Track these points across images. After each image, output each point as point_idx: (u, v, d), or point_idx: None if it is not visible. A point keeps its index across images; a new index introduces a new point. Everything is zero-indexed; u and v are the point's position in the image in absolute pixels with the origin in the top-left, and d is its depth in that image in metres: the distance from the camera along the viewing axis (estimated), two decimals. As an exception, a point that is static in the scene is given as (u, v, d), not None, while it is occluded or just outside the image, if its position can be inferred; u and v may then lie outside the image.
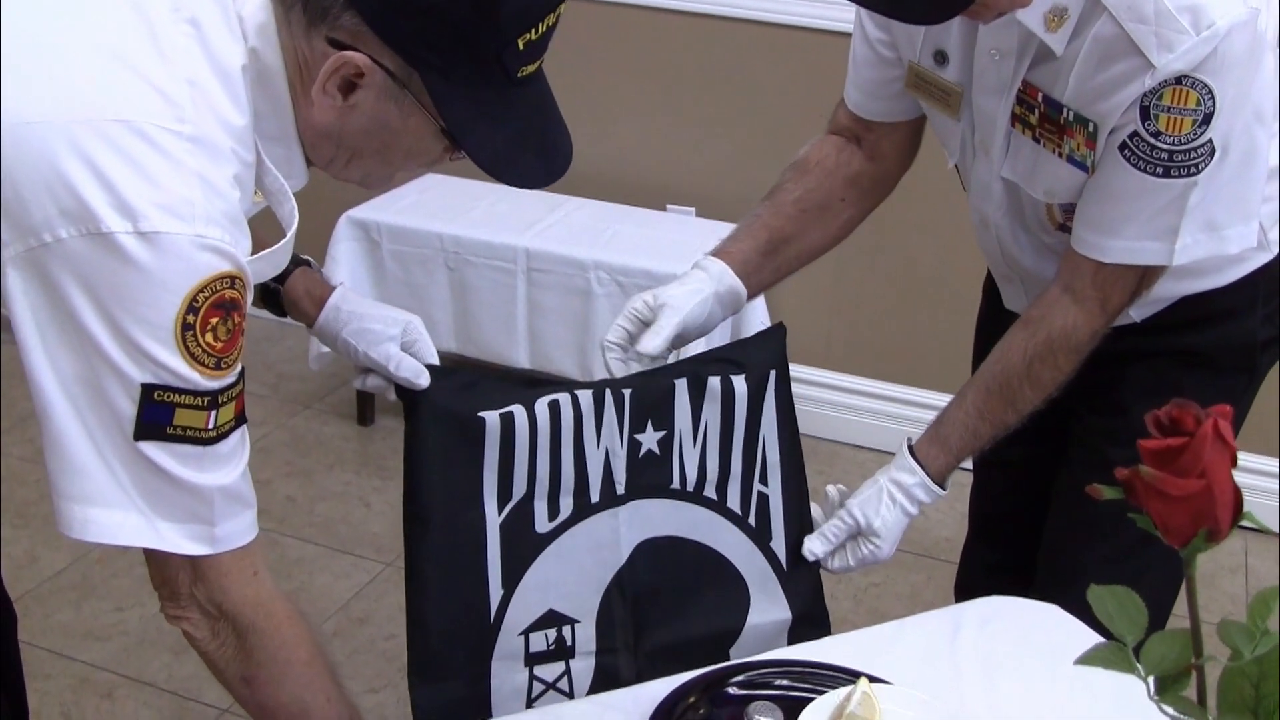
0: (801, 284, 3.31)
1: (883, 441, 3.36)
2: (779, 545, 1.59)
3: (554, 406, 1.46)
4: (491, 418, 1.44)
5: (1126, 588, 0.80)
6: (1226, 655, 0.79)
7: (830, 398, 3.37)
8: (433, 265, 3.09)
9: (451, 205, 3.22)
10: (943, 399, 3.27)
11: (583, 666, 1.51)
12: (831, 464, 3.30)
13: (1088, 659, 0.80)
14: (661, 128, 3.32)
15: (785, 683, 1.32)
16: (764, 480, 1.59)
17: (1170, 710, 0.79)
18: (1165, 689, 0.79)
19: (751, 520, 1.58)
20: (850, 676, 1.30)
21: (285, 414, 3.35)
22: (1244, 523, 2.45)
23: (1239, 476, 2.49)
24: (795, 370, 3.39)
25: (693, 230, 3.18)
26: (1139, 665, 0.79)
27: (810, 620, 1.60)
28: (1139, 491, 0.75)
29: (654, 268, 2.93)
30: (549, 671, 1.50)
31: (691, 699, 1.28)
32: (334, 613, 2.61)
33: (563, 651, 1.50)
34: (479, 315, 3.07)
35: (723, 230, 3.11)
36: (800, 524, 1.61)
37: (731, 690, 1.31)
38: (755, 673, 1.33)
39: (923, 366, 3.30)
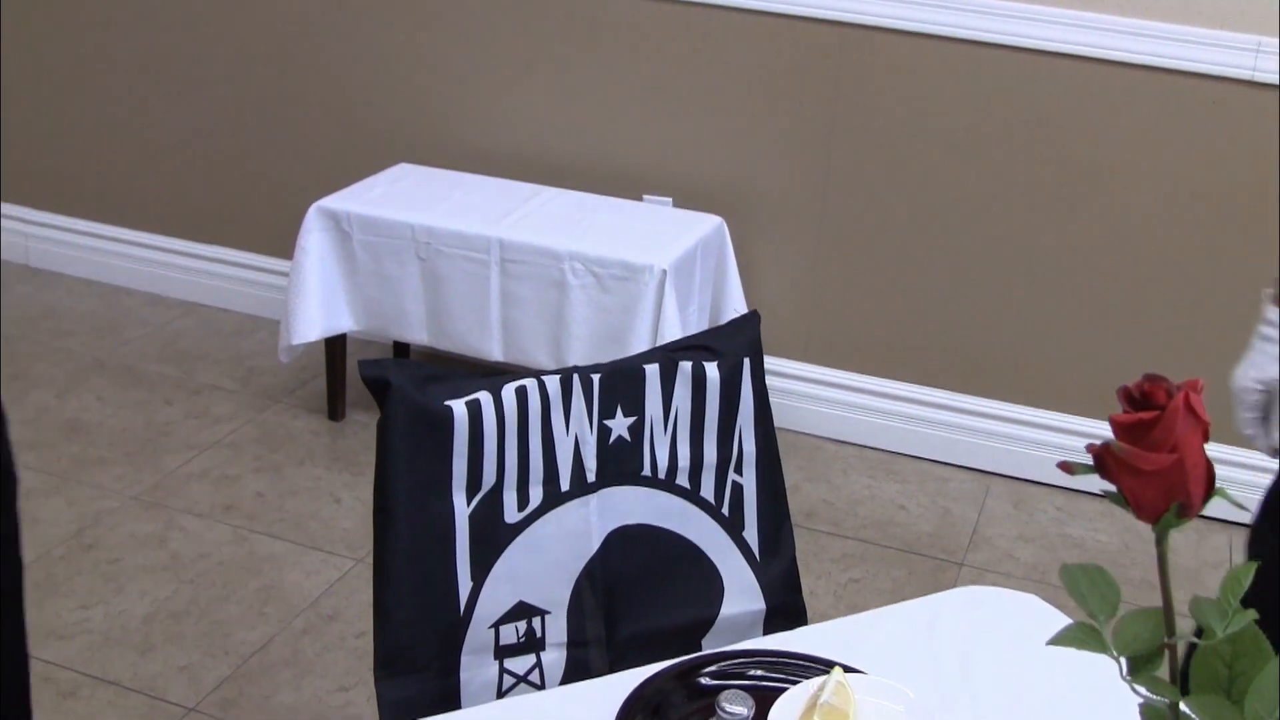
0: (780, 277, 3.33)
1: (865, 436, 3.37)
2: (752, 535, 1.59)
3: (521, 393, 1.46)
4: (459, 407, 1.43)
5: (1099, 565, 0.79)
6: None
7: (811, 391, 3.37)
8: (404, 256, 3.08)
9: (424, 195, 3.21)
10: (925, 392, 3.30)
11: (554, 659, 1.51)
12: (812, 459, 3.30)
13: (1060, 639, 0.80)
14: (638, 117, 3.32)
15: (759, 673, 1.32)
16: (739, 470, 1.59)
17: (1142, 690, 0.79)
18: (1138, 669, 0.79)
19: (725, 510, 1.58)
20: (825, 666, 1.29)
21: (255, 408, 3.34)
22: (1229, 517, 2.45)
23: (1233, 472, 2.48)
24: (775, 364, 3.41)
25: (669, 220, 3.18)
26: (1111, 645, 0.79)
27: (785, 612, 1.61)
28: (1110, 467, 0.75)
29: (630, 258, 2.93)
30: (520, 664, 1.49)
31: (663, 688, 1.27)
32: (304, 609, 2.60)
33: (533, 644, 1.50)
34: (451, 307, 3.06)
35: (699, 221, 3.16)
36: (775, 514, 1.61)
37: (704, 680, 1.30)
38: (728, 663, 1.33)
39: (904, 360, 3.30)
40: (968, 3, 2.95)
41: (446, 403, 1.43)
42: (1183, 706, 0.79)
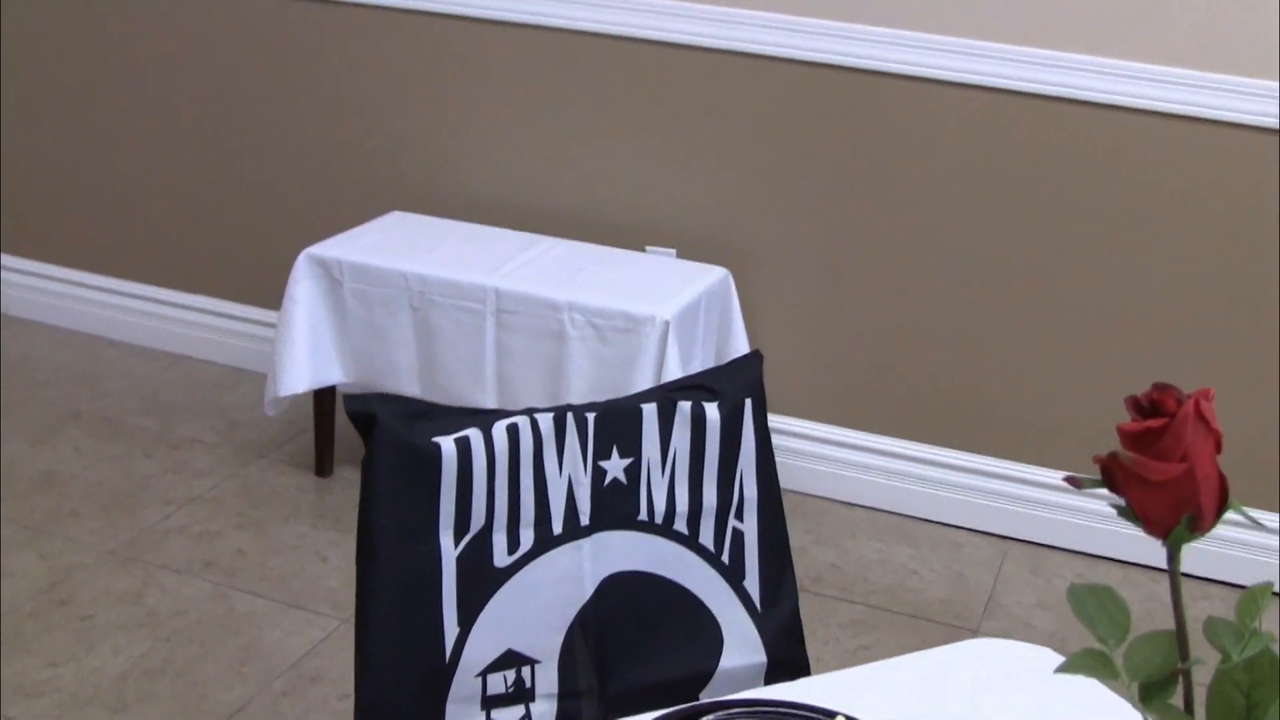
0: (788, 332, 3.34)
1: (874, 498, 3.36)
2: (753, 585, 1.59)
3: (513, 430, 1.46)
4: (447, 444, 1.43)
5: (1108, 586, 0.79)
6: (1214, 658, 0.78)
7: (819, 451, 3.37)
8: (396, 305, 3.09)
9: (417, 243, 3.22)
10: (939, 453, 3.29)
11: (543, 710, 1.50)
12: (820, 521, 3.29)
13: (1069, 666, 0.80)
14: (640, 166, 3.34)
15: (758, 723, 1.31)
16: (740, 516, 1.59)
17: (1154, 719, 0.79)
18: (1150, 697, 0.79)
19: (725, 558, 1.57)
20: (827, 716, 1.29)
21: (238, 463, 3.34)
22: (1245, 583, 2.39)
23: (1239, 534, 2.49)
24: (782, 422, 3.41)
25: (673, 271, 3.19)
26: (1122, 671, 0.79)
27: (788, 666, 1.60)
28: (1118, 479, 0.75)
29: (631, 309, 2.94)
30: (507, 715, 1.48)
31: (656, 738, 1.27)
32: (285, 670, 2.58)
33: (522, 694, 1.49)
34: (445, 358, 3.07)
35: (704, 272, 3.17)
36: (777, 563, 1.60)
37: (700, 730, 1.29)
38: (727, 711, 1.32)
39: (916, 419, 3.30)
40: (980, 48, 2.98)
41: (435, 439, 1.43)
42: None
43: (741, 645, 1.57)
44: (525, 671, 1.49)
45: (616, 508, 1.52)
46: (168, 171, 3.82)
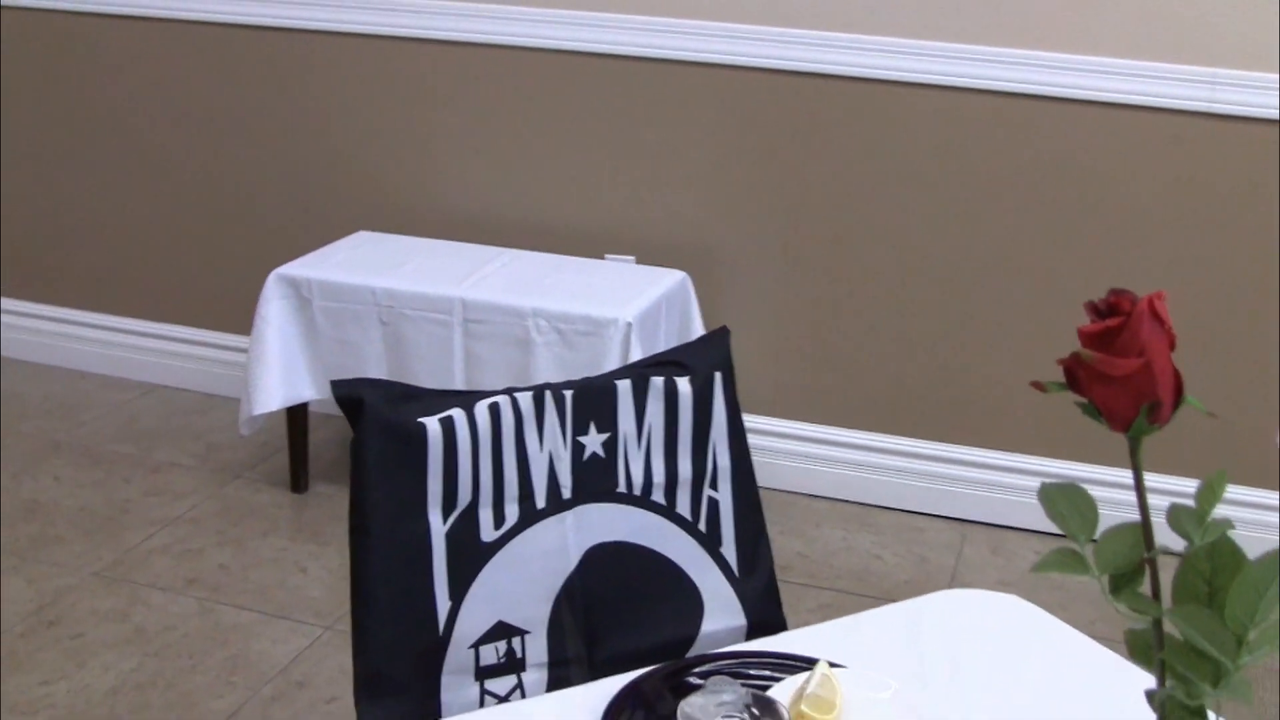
0: (747, 332, 3.37)
1: (838, 489, 3.39)
2: (730, 551, 1.62)
3: (494, 409, 1.49)
4: (432, 424, 1.46)
5: (1076, 484, 0.82)
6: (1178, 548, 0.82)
7: (781, 446, 3.40)
8: (366, 321, 3.11)
9: (385, 260, 3.24)
10: (898, 442, 3.32)
11: (535, 679, 1.52)
12: (785, 514, 3.32)
13: (1043, 565, 0.83)
14: (597, 176, 3.37)
15: (746, 672, 1.34)
16: (714, 485, 1.62)
17: (1124, 609, 0.82)
18: (1120, 587, 0.82)
19: (702, 526, 1.60)
20: (810, 664, 1.31)
21: (215, 484, 3.34)
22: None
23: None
24: (744, 420, 3.41)
25: (633, 276, 3.22)
26: (1093, 565, 0.82)
27: (767, 627, 1.63)
28: (1081, 380, 0.78)
29: (595, 313, 2.96)
30: (501, 685, 1.50)
31: (652, 688, 1.29)
32: (273, 676, 2.59)
33: (514, 664, 1.51)
34: (415, 369, 3.08)
35: (663, 275, 3.20)
36: (753, 529, 1.63)
37: (692, 680, 1.32)
38: (716, 664, 1.35)
39: (874, 410, 3.34)
40: (924, 48, 3.03)
41: (420, 420, 1.45)
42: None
43: (722, 609, 1.60)
44: (516, 642, 1.51)
45: (596, 481, 1.55)
46: (135, 205, 3.82)
